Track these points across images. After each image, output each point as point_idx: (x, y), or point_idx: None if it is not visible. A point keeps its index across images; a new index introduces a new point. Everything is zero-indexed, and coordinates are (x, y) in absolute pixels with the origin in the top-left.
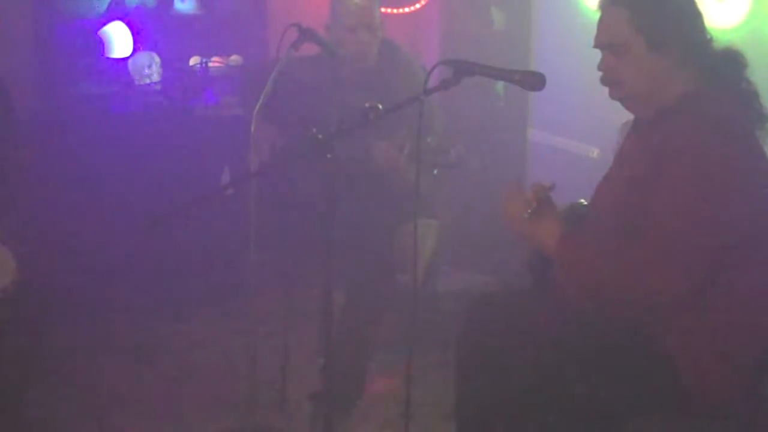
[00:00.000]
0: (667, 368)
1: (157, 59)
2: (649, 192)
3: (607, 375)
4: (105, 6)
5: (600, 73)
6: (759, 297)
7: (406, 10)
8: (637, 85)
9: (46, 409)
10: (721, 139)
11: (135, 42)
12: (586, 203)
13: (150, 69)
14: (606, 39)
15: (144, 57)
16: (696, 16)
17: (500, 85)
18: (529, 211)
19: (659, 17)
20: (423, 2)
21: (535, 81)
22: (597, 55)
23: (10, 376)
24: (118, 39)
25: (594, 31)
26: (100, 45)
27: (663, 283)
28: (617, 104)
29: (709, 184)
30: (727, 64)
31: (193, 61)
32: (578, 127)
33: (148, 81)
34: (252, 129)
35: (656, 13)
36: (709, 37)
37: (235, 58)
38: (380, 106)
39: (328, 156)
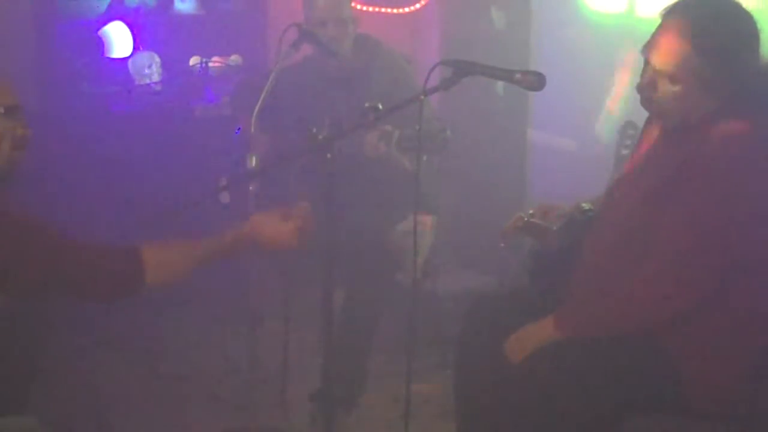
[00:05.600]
0: (667, 368)
1: (157, 59)
2: (664, 205)
3: (607, 375)
4: (105, 6)
5: (599, 61)
6: (759, 298)
7: (406, 10)
8: (674, 110)
9: (46, 409)
10: (743, 160)
11: (135, 42)
12: (587, 207)
13: (150, 69)
14: (658, 65)
15: (144, 57)
16: (756, 52)
17: (500, 85)
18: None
19: (721, 63)
20: (423, 2)
21: (535, 81)
22: (596, 55)
23: (11, 377)
24: (118, 39)
25: (593, 31)
26: (100, 45)
27: (671, 300)
28: (617, 104)
29: (722, 202)
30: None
31: (193, 61)
32: (578, 127)
33: (148, 81)
34: (252, 129)
35: (719, 58)
36: (762, 67)
37: (235, 58)
38: (380, 106)
39: (328, 156)
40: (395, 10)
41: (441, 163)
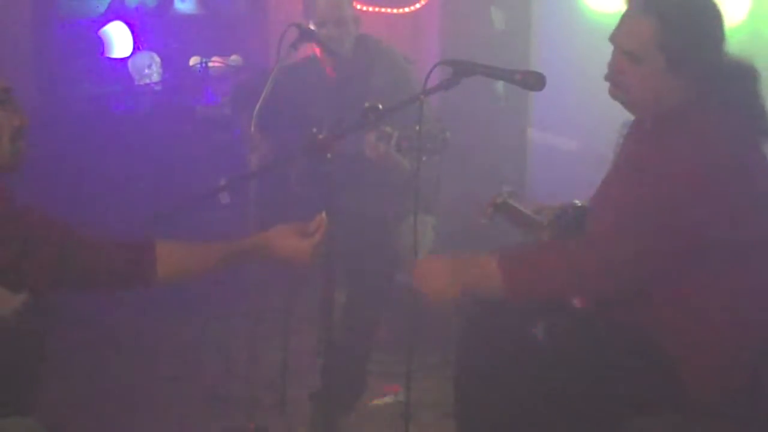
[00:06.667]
0: (667, 368)
1: (157, 59)
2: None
3: (607, 375)
4: (105, 6)
5: (599, 61)
6: (758, 297)
7: (406, 10)
8: (643, 95)
9: (46, 410)
10: (712, 154)
11: (135, 42)
12: (580, 204)
13: (150, 69)
14: (625, 45)
15: (144, 57)
16: (721, 40)
17: (500, 85)
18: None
19: (686, 40)
20: (423, 2)
21: (535, 81)
22: (596, 55)
23: (15, 379)
24: (118, 39)
25: (593, 31)
26: (100, 45)
27: (614, 253)
28: (617, 104)
29: (689, 195)
30: (736, 78)
31: (193, 61)
32: (578, 127)
33: (148, 81)
34: (252, 129)
35: (684, 35)
36: (726, 57)
37: (235, 58)
38: (380, 106)
39: (328, 156)
40: (395, 10)
41: (441, 164)
